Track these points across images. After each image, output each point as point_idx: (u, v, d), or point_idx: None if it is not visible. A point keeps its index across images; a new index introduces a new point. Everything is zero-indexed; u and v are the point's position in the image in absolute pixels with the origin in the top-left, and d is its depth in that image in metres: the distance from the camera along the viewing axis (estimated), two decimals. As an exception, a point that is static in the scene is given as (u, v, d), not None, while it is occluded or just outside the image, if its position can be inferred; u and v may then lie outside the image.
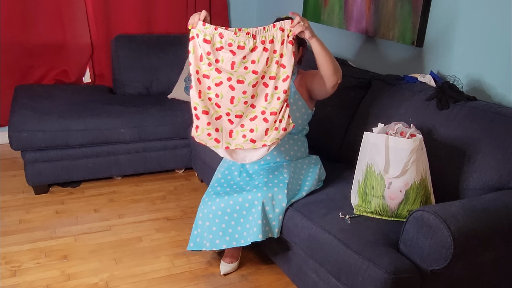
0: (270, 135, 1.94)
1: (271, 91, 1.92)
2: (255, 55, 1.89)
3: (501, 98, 2.20)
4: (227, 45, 1.87)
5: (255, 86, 1.91)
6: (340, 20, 3.10)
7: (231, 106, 1.92)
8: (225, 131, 1.96)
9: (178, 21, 3.90)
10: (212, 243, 2.12)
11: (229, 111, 1.93)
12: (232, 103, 1.91)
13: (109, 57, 3.73)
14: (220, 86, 1.91)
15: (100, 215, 2.82)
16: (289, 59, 1.89)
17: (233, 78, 1.89)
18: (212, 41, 1.88)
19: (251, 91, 1.91)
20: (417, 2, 2.50)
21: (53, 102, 3.12)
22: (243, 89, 1.90)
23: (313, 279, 1.96)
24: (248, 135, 1.95)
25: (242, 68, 1.89)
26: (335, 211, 1.97)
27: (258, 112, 1.94)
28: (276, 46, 1.88)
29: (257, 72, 1.89)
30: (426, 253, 1.61)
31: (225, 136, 1.97)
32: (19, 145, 2.84)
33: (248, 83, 1.89)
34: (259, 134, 1.95)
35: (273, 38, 1.88)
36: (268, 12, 4.06)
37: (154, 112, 3.17)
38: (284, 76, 1.90)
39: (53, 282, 2.22)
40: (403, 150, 1.83)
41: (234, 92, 1.90)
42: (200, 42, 1.88)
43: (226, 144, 1.97)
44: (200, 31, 1.89)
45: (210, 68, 1.90)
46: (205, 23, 1.88)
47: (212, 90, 1.92)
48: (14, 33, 3.46)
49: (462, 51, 2.36)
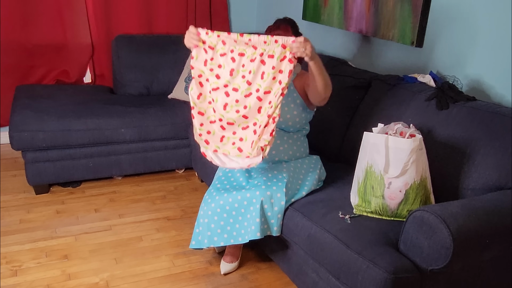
0: (254, 148, 1.94)
1: (265, 104, 1.92)
2: (252, 66, 1.90)
3: (501, 98, 2.20)
4: (229, 51, 1.91)
5: (248, 96, 1.93)
6: (340, 20, 3.11)
7: (223, 112, 1.95)
8: (217, 136, 1.98)
9: (178, 21, 3.91)
10: (210, 240, 2.13)
11: (221, 117, 1.95)
12: (224, 109, 1.94)
13: (109, 57, 3.74)
14: (216, 91, 1.94)
15: (101, 215, 2.83)
16: (286, 76, 1.88)
17: (229, 85, 1.93)
18: (216, 48, 1.92)
19: (243, 101, 1.92)
20: (417, 2, 2.50)
21: (53, 102, 3.12)
22: (236, 97, 1.92)
23: (313, 279, 1.96)
24: (237, 143, 1.97)
25: (240, 76, 1.92)
26: (335, 211, 1.98)
27: (250, 123, 1.95)
28: (275, 62, 1.88)
29: (250, 83, 1.91)
30: (425, 253, 1.61)
31: (216, 140, 1.99)
32: (20, 145, 2.84)
33: (241, 92, 1.92)
34: (246, 144, 1.95)
35: (273, 54, 1.88)
36: (268, 12, 4.06)
37: (154, 112, 3.17)
38: (279, 92, 1.90)
39: (54, 281, 2.22)
40: (403, 150, 1.84)
41: (228, 99, 1.93)
42: (206, 48, 1.93)
43: (215, 147, 2.00)
44: (206, 39, 1.93)
45: (211, 73, 1.94)
46: (208, 32, 1.92)
47: (211, 94, 1.96)
48: (15, 33, 3.47)
49: (462, 51, 2.37)
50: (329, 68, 2.83)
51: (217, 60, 1.92)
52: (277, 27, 2.26)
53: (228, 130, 1.96)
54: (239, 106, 1.93)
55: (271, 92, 1.91)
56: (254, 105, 1.92)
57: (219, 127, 1.97)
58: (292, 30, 2.27)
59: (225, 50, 1.90)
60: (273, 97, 1.91)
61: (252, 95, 1.92)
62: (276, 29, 2.24)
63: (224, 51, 1.91)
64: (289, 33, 2.21)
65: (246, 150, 1.94)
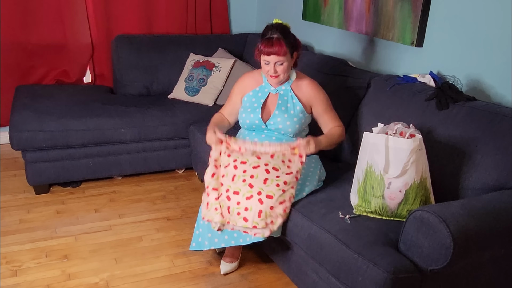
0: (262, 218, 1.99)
1: (272, 177, 2.04)
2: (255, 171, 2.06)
3: (501, 98, 2.20)
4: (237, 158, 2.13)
5: (256, 168, 2.06)
6: (340, 20, 3.11)
7: (231, 183, 2.06)
8: (224, 208, 2.05)
9: (178, 21, 3.90)
10: (211, 241, 2.12)
11: (228, 188, 2.05)
12: (232, 180, 2.06)
13: (109, 57, 3.74)
14: (226, 168, 2.11)
15: (101, 215, 2.83)
16: (297, 165, 2.09)
17: (238, 160, 2.10)
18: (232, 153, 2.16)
19: (250, 171, 2.05)
20: (417, 2, 2.50)
21: (53, 102, 3.12)
22: (244, 168, 2.07)
23: (313, 279, 1.96)
24: (242, 213, 2.00)
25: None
26: (335, 211, 1.98)
27: (254, 192, 2.01)
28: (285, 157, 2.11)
29: (260, 158, 2.09)
30: (425, 253, 1.61)
31: (224, 212, 2.05)
32: (20, 145, 2.84)
33: (250, 164, 2.07)
34: (251, 214, 1.98)
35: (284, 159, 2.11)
36: (268, 12, 4.06)
37: (154, 112, 3.17)
38: (288, 171, 2.07)
39: (54, 281, 2.23)
40: (403, 150, 1.84)
41: (236, 170, 2.07)
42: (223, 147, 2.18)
43: (227, 219, 2.05)
44: None
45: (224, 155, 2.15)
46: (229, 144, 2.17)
47: (222, 171, 2.12)
48: (15, 33, 3.47)
49: (462, 51, 2.37)
50: (329, 68, 2.85)
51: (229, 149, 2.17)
52: (270, 44, 2.13)
53: (233, 200, 2.02)
54: (246, 176, 2.05)
55: (279, 170, 2.06)
56: (261, 176, 2.04)
57: (225, 198, 2.05)
58: (285, 43, 2.14)
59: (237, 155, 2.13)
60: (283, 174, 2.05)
61: (260, 167, 2.07)
62: (270, 46, 2.13)
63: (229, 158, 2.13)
64: (283, 48, 2.13)
65: (252, 220, 1.98)
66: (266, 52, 2.15)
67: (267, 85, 2.33)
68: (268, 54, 2.15)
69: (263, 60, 2.20)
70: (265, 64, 2.21)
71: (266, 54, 2.16)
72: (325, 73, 2.81)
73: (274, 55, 2.15)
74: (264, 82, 2.34)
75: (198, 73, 3.48)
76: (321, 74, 2.79)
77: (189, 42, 3.73)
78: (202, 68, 3.49)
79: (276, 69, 2.20)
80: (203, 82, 3.43)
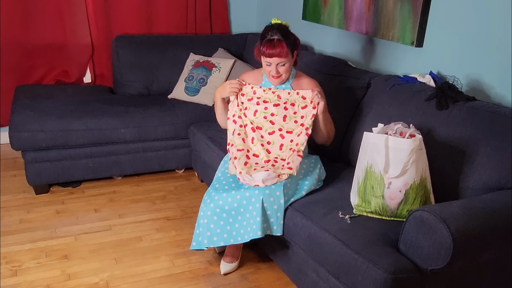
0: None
1: (286, 142, 2.23)
2: (275, 109, 2.25)
3: (501, 98, 2.20)
4: (256, 97, 2.29)
5: (271, 134, 2.25)
6: (340, 20, 3.11)
7: (251, 145, 2.25)
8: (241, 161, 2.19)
9: (178, 21, 3.91)
10: (210, 240, 2.13)
11: (249, 149, 2.25)
12: (252, 142, 2.25)
13: (109, 57, 3.74)
14: (245, 128, 2.29)
15: (101, 215, 2.83)
16: (309, 120, 2.22)
17: (253, 124, 2.27)
18: (246, 96, 2.31)
19: (267, 137, 2.25)
20: (417, 2, 2.50)
21: (53, 102, 3.12)
22: (261, 133, 2.26)
23: (313, 279, 1.96)
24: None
25: (262, 117, 2.26)
26: (335, 211, 1.98)
27: (272, 157, 2.22)
28: (296, 108, 2.25)
29: (273, 123, 2.25)
30: (425, 253, 1.61)
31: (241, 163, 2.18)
32: (20, 145, 2.84)
33: (265, 130, 2.26)
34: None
35: (294, 102, 2.25)
36: (268, 12, 4.06)
37: (154, 112, 3.18)
38: (300, 132, 2.22)
39: (54, 281, 2.23)
40: (403, 150, 1.84)
41: (254, 133, 2.25)
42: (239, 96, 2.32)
43: (240, 169, 2.16)
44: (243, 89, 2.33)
45: (240, 113, 2.30)
46: (245, 84, 2.31)
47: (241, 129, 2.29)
48: (15, 33, 3.47)
49: (462, 51, 2.37)
50: (329, 68, 2.85)
51: (245, 103, 2.31)
52: (271, 46, 2.13)
53: (252, 160, 2.22)
54: (263, 141, 2.25)
55: (293, 133, 2.23)
56: (277, 142, 2.24)
57: (244, 156, 2.21)
58: (286, 44, 2.14)
59: (253, 96, 2.30)
60: (296, 136, 2.22)
61: (275, 132, 2.25)
62: (271, 48, 2.13)
63: (252, 96, 2.30)
64: (285, 49, 2.14)
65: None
66: (268, 54, 2.15)
67: (266, 83, 2.33)
68: (270, 56, 2.16)
69: (264, 61, 2.21)
70: (266, 65, 2.22)
71: (268, 56, 2.16)
72: (325, 73, 2.81)
73: (276, 57, 2.15)
74: (264, 81, 2.34)
75: (198, 73, 3.48)
76: (321, 74, 2.79)
77: (189, 42, 3.74)
78: (202, 68, 3.49)
79: (278, 69, 2.21)
80: (203, 82, 3.44)
